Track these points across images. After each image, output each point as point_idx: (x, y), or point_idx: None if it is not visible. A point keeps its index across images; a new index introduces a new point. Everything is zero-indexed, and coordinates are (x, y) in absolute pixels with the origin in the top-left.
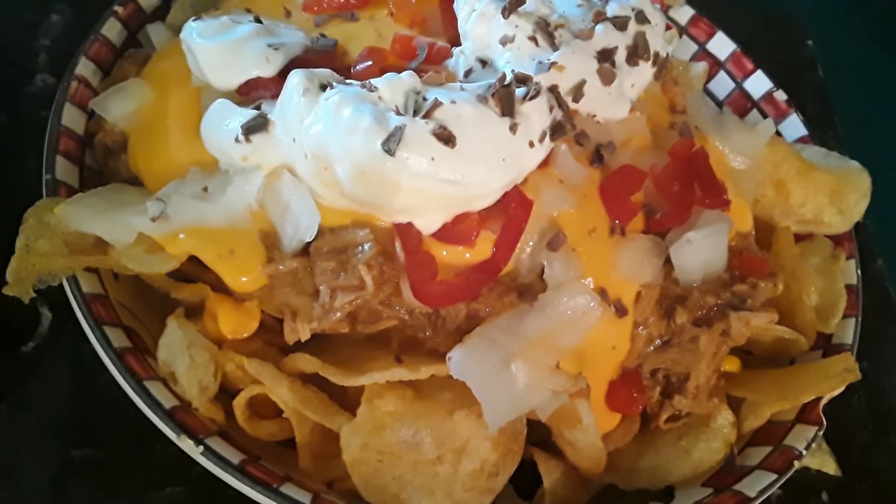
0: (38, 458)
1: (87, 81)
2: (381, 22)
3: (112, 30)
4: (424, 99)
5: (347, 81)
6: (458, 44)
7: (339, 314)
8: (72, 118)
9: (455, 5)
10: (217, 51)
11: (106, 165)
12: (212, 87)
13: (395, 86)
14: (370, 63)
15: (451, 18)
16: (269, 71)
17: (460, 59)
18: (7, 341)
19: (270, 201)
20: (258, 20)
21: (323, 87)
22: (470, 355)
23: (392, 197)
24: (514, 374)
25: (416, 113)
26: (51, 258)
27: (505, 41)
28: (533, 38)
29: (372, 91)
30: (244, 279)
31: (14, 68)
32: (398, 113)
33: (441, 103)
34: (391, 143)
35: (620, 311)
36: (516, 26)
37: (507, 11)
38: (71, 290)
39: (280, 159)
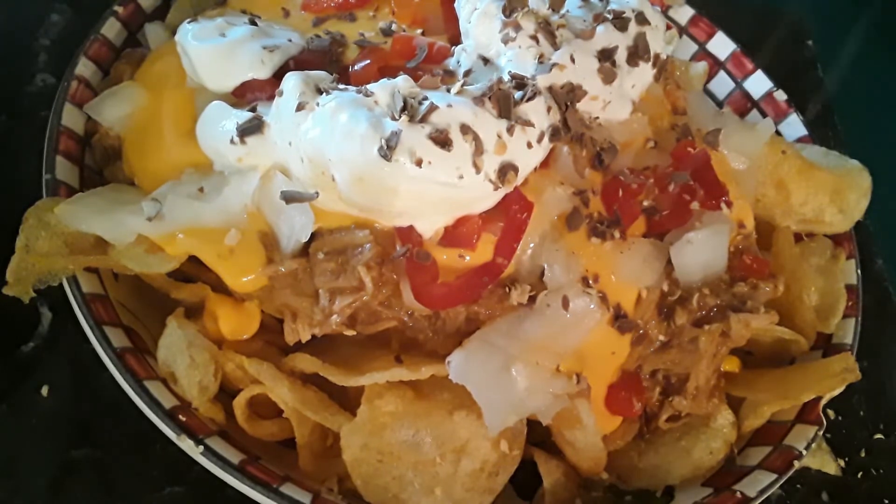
0: (38, 458)
1: (87, 81)
2: (381, 21)
3: (112, 30)
4: (420, 103)
5: (342, 86)
6: (459, 42)
7: (338, 318)
8: (72, 118)
9: (456, 4)
10: (212, 53)
11: (104, 169)
12: (207, 89)
13: (390, 90)
14: (368, 62)
15: (452, 17)
16: (264, 73)
17: (462, 56)
18: (7, 341)
19: (265, 202)
20: (253, 22)
21: (319, 91)
22: (470, 359)
23: (390, 201)
24: (515, 378)
25: (412, 117)
26: (51, 258)
27: (506, 40)
28: (534, 38)
29: (368, 96)
30: (244, 279)
31: (14, 68)
32: (394, 118)
33: (437, 107)
34: (388, 149)
35: (620, 315)
36: (518, 25)
37: (509, 10)
38: (71, 290)
39: (275, 161)
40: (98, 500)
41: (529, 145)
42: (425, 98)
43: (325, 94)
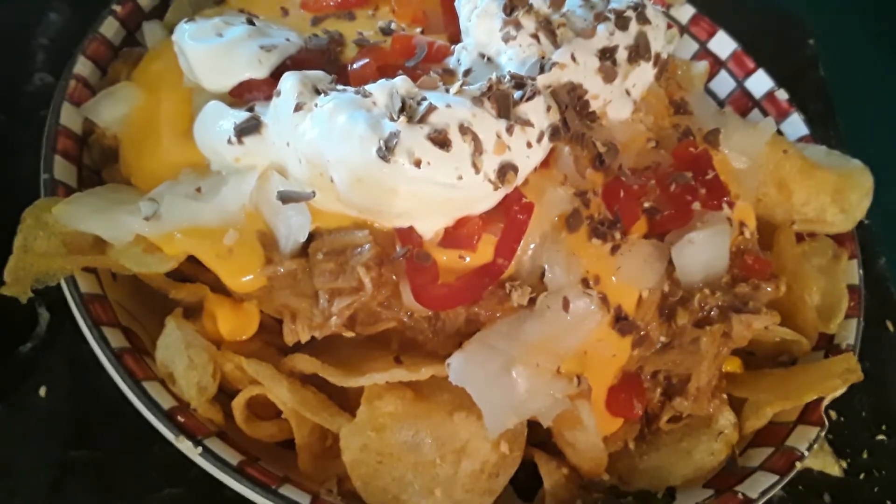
0: (37, 459)
1: (85, 80)
2: (381, 20)
3: (110, 29)
4: (419, 103)
5: (340, 87)
6: (459, 41)
7: (337, 319)
8: (70, 117)
9: (456, 2)
10: (209, 53)
11: (102, 170)
12: (204, 89)
13: (389, 91)
14: (367, 61)
15: (452, 15)
16: (261, 73)
17: (462, 55)
18: (5, 342)
19: (263, 202)
20: (251, 21)
21: (317, 91)
22: (469, 361)
23: (390, 202)
24: (515, 380)
25: (410, 118)
26: (49, 258)
27: (507, 38)
28: (535, 36)
29: (366, 97)
30: (243, 280)
31: (12, 67)
32: (392, 118)
33: (436, 107)
34: (386, 149)
35: (621, 317)
36: (518, 24)
37: (510, 9)
38: (69, 291)
39: (273, 161)
40: (97, 500)
41: (529, 145)
42: (424, 98)
43: (323, 94)
